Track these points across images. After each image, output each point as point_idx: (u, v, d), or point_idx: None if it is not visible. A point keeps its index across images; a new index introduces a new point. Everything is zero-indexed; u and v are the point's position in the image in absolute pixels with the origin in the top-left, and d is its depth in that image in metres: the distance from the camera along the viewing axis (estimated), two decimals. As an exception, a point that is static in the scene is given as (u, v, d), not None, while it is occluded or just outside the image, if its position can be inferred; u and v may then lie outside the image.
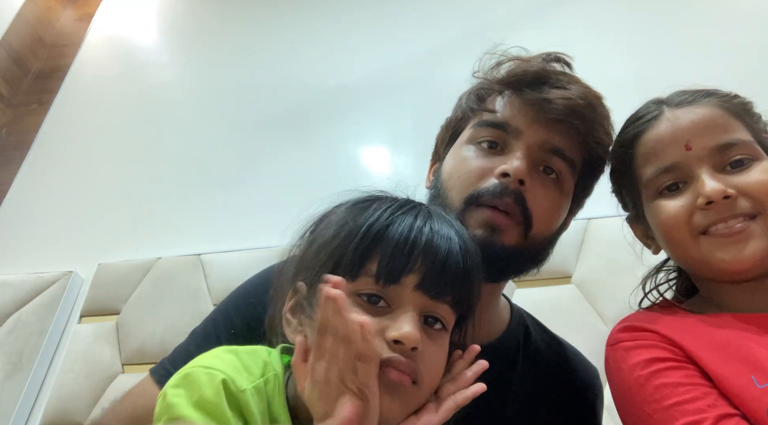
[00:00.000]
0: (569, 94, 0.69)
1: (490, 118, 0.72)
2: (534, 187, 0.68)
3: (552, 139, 0.69)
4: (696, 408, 0.57)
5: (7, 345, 1.58)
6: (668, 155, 0.69)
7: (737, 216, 0.65)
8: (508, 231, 0.67)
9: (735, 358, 0.60)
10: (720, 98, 0.72)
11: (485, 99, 0.75)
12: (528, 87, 0.71)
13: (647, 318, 0.71)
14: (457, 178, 0.70)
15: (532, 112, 0.69)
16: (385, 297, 0.52)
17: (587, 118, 0.70)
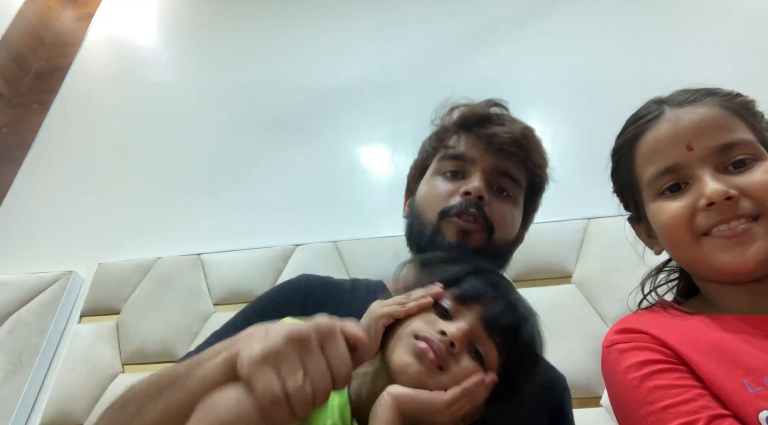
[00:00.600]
0: (508, 129, 0.88)
1: (450, 152, 0.91)
2: (491, 201, 0.85)
3: (500, 164, 0.87)
4: (689, 410, 0.57)
5: (7, 345, 1.58)
6: (669, 155, 0.69)
7: (739, 217, 0.64)
8: (476, 235, 0.83)
9: (728, 361, 0.60)
10: (721, 97, 0.71)
11: (444, 139, 0.94)
12: (476, 126, 0.90)
13: (643, 320, 0.71)
14: (429, 199, 0.88)
15: (482, 144, 0.88)
16: (452, 312, 0.65)
17: (524, 146, 0.89)
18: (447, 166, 0.90)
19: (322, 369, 0.48)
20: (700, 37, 1.75)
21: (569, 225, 1.44)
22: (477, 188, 0.83)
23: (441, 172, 0.90)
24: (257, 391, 0.46)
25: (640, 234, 0.80)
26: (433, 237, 0.84)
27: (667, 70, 1.63)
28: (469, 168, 0.87)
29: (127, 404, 0.57)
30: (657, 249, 0.77)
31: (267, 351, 0.47)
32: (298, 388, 0.46)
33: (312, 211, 1.69)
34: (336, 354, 0.50)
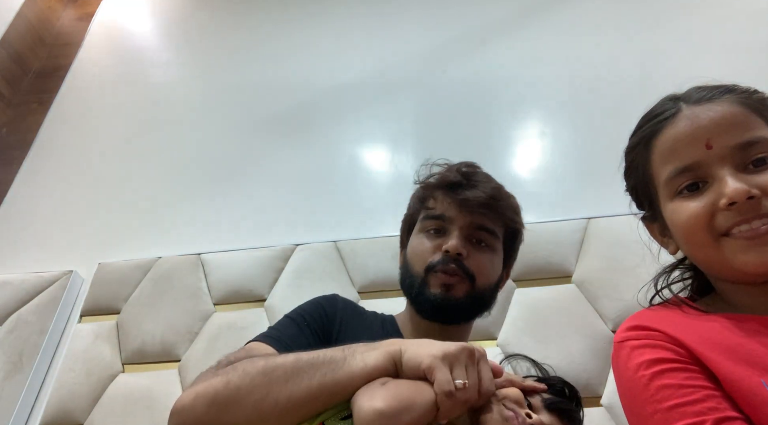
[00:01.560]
0: (480, 192, 1.00)
1: (432, 213, 1.03)
2: (470, 254, 0.97)
3: (475, 221, 0.99)
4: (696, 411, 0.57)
5: (7, 345, 1.58)
6: (688, 154, 0.67)
7: (761, 216, 0.63)
8: (458, 287, 0.95)
9: (746, 361, 0.59)
10: (739, 94, 0.70)
11: (426, 200, 1.06)
12: (451, 189, 1.02)
13: (656, 317, 0.70)
14: (416, 255, 1.01)
15: (458, 205, 1.00)
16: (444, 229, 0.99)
17: (494, 205, 1.00)
18: (429, 224, 1.02)
19: (475, 381, 0.63)
20: (701, 36, 1.75)
21: (569, 225, 1.44)
22: (454, 246, 0.95)
23: (425, 230, 1.03)
24: (438, 381, 0.60)
25: (654, 234, 0.79)
26: (421, 288, 0.97)
27: (668, 70, 1.63)
28: (448, 226, 1.00)
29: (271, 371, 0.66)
30: (672, 249, 0.76)
31: (446, 353, 0.62)
32: (462, 389, 0.60)
33: (312, 210, 1.69)
34: (486, 374, 0.65)
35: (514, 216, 1.06)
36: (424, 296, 0.96)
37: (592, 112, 1.66)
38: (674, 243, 0.75)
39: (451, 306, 0.95)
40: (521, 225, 1.08)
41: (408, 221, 1.12)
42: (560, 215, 1.47)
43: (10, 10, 2.37)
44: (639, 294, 0.79)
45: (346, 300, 1.08)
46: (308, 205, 1.70)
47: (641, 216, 0.81)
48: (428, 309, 0.97)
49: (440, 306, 0.95)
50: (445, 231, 1.00)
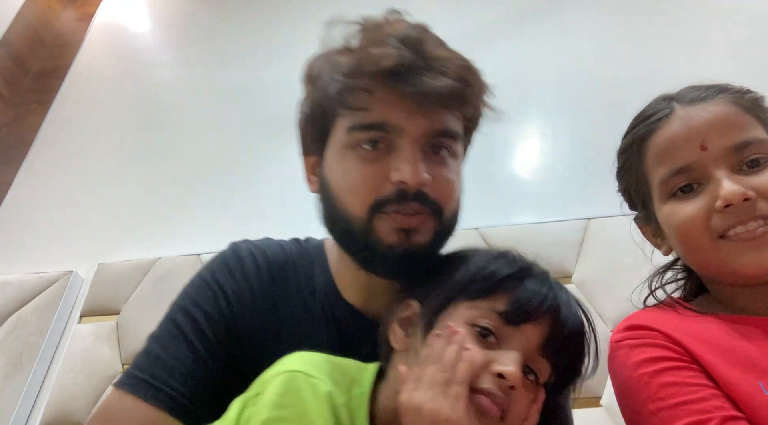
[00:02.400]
0: (445, 80, 0.65)
1: (364, 120, 0.66)
2: (432, 175, 0.66)
3: (435, 125, 0.67)
4: (702, 409, 0.57)
5: (7, 345, 1.58)
6: (682, 156, 0.66)
7: (756, 218, 0.62)
8: (423, 229, 0.66)
9: (743, 363, 0.59)
10: (733, 94, 0.69)
11: (350, 96, 0.67)
12: (397, 79, 0.65)
13: (652, 317, 0.70)
14: (350, 191, 0.68)
15: (408, 105, 0.65)
16: (498, 335, 0.56)
17: (465, 97, 0.68)
18: (362, 137, 0.66)
19: None
20: (701, 35, 1.75)
21: (569, 226, 1.44)
22: (414, 177, 0.63)
23: (355, 145, 0.67)
24: None
25: (647, 235, 0.78)
26: (365, 237, 0.66)
27: (668, 69, 1.63)
28: (395, 138, 0.66)
29: None
30: (665, 250, 0.76)
31: None
32: None
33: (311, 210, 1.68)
34: None
35: (484, 103, 0.74)
36: (372, 249, 0.65)
37: (592, 112, 1.66)
38: (667, 245, 0.74)
39: (417, 257, 0.66)
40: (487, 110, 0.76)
41: (317, 124, 0.72)
42: (560, 215, 1.47)
43: (10, 10, 2.37)
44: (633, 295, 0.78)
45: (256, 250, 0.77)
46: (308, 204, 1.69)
47: (634, 217, 0.80)
48: (381, 267, 0.68)
49: (400, 261, 0.65)
50: (389, 144, 0.66)
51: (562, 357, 0.59)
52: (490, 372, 0.54)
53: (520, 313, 0.56)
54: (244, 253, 0.78)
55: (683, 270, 0.78)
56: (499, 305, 0.57)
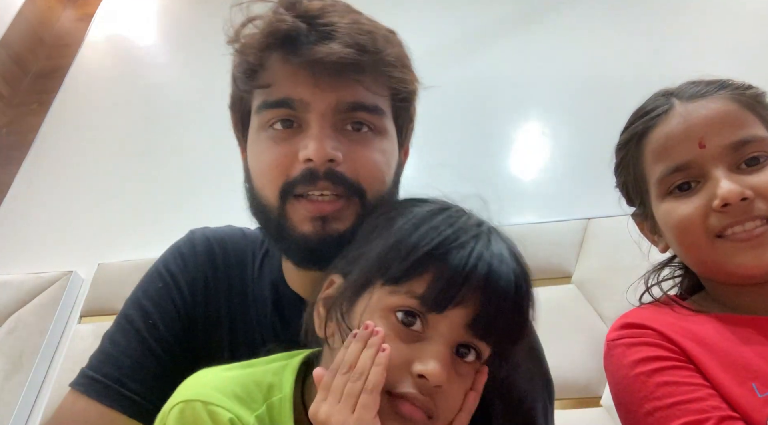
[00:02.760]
0: (335, 47, 0.59)
1: (269, 97, 0.63)
2: (348, 153, 0.61)
3: (343, 97, 0.61)
4: (699, 408, 0.57)
5: (7, 345, 1.58)
6: (680, 153, 0.66)
7: (754, 218, 0.62)
8: (341, 214, 0.61)
9: (737, 364, 0.59)
10: (733, 90, 0.68)
11: (254, 75, 0.64)
12: (287, 50, 0.61)
13: (648, 316, 0.69)
14: (262, 174, 0.64)
15: (308, 76, 0.60)
16: (422, 319, 0.50)
17: (366, 64, 0.61)
18: (270, 116, 0.63)
19: None
20: (701, 35, 1.75)
21: (569, 226, 1.44)
22: (319, 152, 0.58)
23: (267, 126, 0.63)
24: None
25: (644, 231, 0.78)
26: (280, 225, 0.62)
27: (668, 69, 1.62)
28: (303, 114, 0.61)
29: None
30: (662, 247, 0.75)
31: None
32: None
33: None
34: None
35: (403, 72, 0.68)
36: (288, 238, 0.61)
37: (592, 112, 1.66)
38: (664, 242, 0.74)
39: (335, 246, 0.59)
40: (414, 83, 0.71)
41: (237, 110, 0.71)
42: (560, 215, 1.47)
43: (10, 10, 2.37)
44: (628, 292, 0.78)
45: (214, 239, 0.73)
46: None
47: (631, 213, 0.80)
48: (298, 257, 0.63)
49: (316, 249, 0.60)
50: (299, 121, 0.62)
51: (498, 331, 0.52)
52: (410, 373, 0.48)
53: (441, 299, 0.49)
54: (198, 241, 0.74)
55: (680, 268, 0.78)
56: (418, 288, 0.50)
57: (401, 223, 0.54)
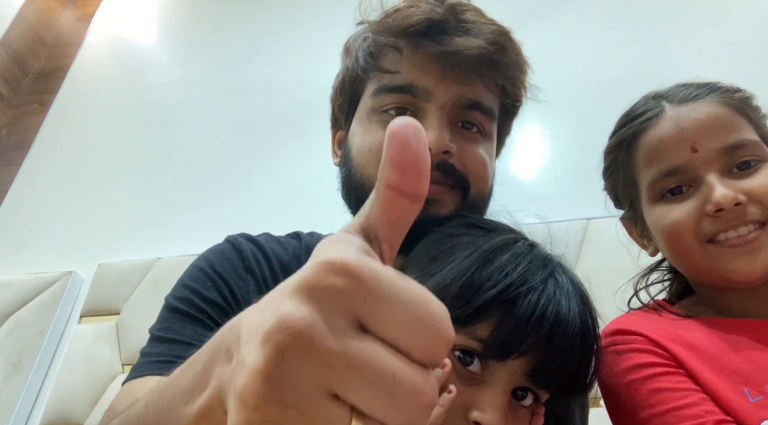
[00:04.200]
0: (477, 41, 0.62)
1: (392, 82, 0.64)
2: (460, 148, 0.62)
3: (466, 93, 0.63)
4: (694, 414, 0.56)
5: (7, 345, 1.58)
6: (672, 157, 0.65)
7: (747, 223, 0.61)
8: (445, 200, 0.62)
9: (728, 369, 0.58)
10: (723, 93, 0.68)
11: (379, 57, 0.65)
12: (426, 38, 0.62)
13: (637, 322, 0.69)
14: (369, 152, 0.63)
15: (438, 67, 0.62)
16: (482, 362, 0.47)
17: (500, 63, 0.65)
18: (388, 101, 0.64)
19: None
20: (701, 36, 1.75)
21: (569, 226, 1.44)
22: (439, 142, 0.60)
23: (381, 111, 0.64)
24: None
25: (634, 235, 0.77)
26: None
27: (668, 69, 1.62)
28: (422, 103, 0.63)
29: None
30: (652, 251, 0.75)
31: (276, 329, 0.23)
32: None
33: (312, 210, 1.68)
34: None
35: (523, 82, 0.72)
36: None
37: (592, 112, 1.66)
38: (654, 246, 0.73)
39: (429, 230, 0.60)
40: (523, 97, 0.74)
41: (348, 90, 0.70)
42: (560, 215, 1.47)
43: (10, 10, 2.37)
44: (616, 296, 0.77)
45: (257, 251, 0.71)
46: (308, 204, 1.70)
47: (620, 216, 0.79)
48: None
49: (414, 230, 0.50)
50: (416, 110, 0.63)
51: (560, 381, 0.50)
52: (466, 419, 0.45)
53: (504, 347, 0.46)
54: (244, 246, 0.73)
55: (669, 271, 0.77)
56: (481, 332, 0.47)
57: (465, 255, 0.51)
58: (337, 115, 0.74)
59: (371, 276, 0.23)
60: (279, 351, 0.22)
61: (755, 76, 1.23)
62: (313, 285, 0.23)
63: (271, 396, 0.22)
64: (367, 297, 0.22)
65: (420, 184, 0.25)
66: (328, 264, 0.23)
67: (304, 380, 0.22)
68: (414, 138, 0.25)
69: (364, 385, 0.22)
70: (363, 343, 0.22)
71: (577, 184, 1.53)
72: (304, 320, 0.22)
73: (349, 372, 0.22)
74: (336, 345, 0.22)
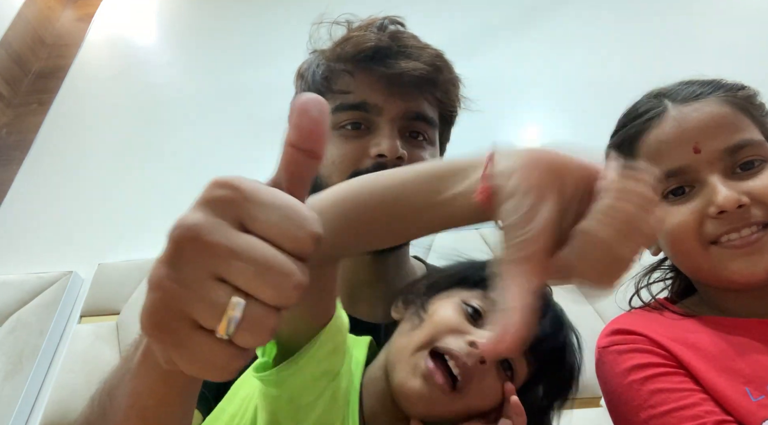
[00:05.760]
0: (417, 64, 0.72)
1: (346, 100, 0.73)
2: (409, 154, 0.71)
3: (411, 107, 0.73)
4: (694, 414, 0.56)
5: (7, 345, 1.58)
6: (675, 158, 0.65)
7: (750, 224, 0.61)
8: None
9: (729, 369, 0.58)
10: (726, 92, 0.67)
11: (332, 80, 0.75)
12: (374, 62, 0.72)
13: (638, 321, 0.69)
14: (332, 164, 0.72)
15: (386, 86, 0.72)
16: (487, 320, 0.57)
17: (437, 81, 0.75)
18: (345, 117, 0.73)
19: None
20: (701, 36, 1.75)
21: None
22: (392, 147, 0.68)
23: (339, 126, 0.73)
24: None
25: None
26: None
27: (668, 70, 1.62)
28: (374, 118, 0.72)
29: None
30: (654, 251, 0.75)
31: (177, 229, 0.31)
32: None
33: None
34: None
35: (456, 95, 0.81)
36: None
37: (592, 113, 1.66)
38: (656, 245, 0.73)
39: None
40: (457, 104, 0.83)
41: None
42: (560, 215, 1.46)
43: (10, 10, 2.37)
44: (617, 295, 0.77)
45: None
46: (308, 205, 1.70)
47: None
48: None
49: None
50: (369, 124, 0.73)
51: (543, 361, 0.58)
52: (463, 340, 0.53)
53: None
54: None
55: (671, 270, 0.77)
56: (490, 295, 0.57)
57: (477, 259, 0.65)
58: None
59: (250, 187, 0.29)
60: (175, 244, 0.30)
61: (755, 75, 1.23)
62: (204, 197, 0.30)
63: (169, 277, 0.29)
64: (245, 202, 0.29)
65: (314, 142, 0.32)
66: (216, 181, 0.30)
67: (195, 266, 0.28)
68: (314, 109, 0.31)
69: (243, 268, 0.27)
70: (242, 237, 0.28)
71: (577, 184, 1.53)
72: (195, 219, 0.29)
73: (231, 258, 0.27)
74: (220, 239, 0.28)
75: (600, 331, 1.24)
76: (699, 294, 0.72)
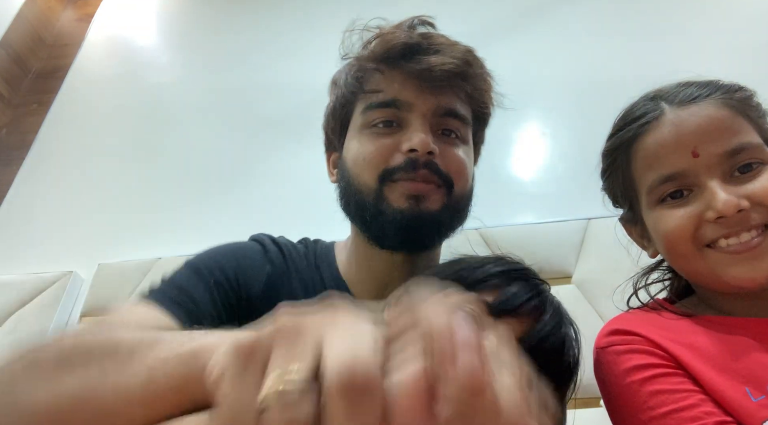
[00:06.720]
0: (446, 58, 0.72)
1: (378, 98, 0.74)
2: (442, 151, 0.71)
3: (442, 103, 0.73)
4: (693, 416, 0.56)
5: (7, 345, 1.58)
6: (673, 162, 0.64)
7: (750, 229, 0.61)
8: (432, 197, 0.70)
9: (729, 369, 0.58)
10: (723, 94, 0.67)
11: (364, 80, 0.76)
12: (404, 59, 0.73)
13: (637, 322, 0.68)
14: (363, 160, 0.72)
15: (416, 83, 0.72)
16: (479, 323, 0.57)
17: (468, 75, 0.75)
18: (376, 116, 0.73)
19: None
20: (701, 37, 1.75)
21: (569, 226, 1.44)
22: (424, 142, 0.68)
23: (370, 125, 0.73)
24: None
25: (633, 235, 0.76)
26: (376, 205, 0.69)
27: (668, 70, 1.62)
28: (405, 114, 0.72)
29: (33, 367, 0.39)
30: (652, 252, 0.74)
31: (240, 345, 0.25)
32: None
33: (312, 211, 1.68)
34: None
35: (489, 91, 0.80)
36: (383, 216, 0.68)
37: (592, 112, 1.66)
38: (654, 247, 0.72)
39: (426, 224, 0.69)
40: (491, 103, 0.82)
41: (339, 115, 0.79)
42: (560, 215, 1.47)
43: (10, 10, 2.37)
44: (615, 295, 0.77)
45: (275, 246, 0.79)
46: (309, 205, 1.70)
47: (619, 217, 0.78)
48: (391, 234, 0.69)
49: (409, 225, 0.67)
50: (400, 122, 0.72)
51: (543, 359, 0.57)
52: None
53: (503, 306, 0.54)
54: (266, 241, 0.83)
55: (669, 271, 0.77)
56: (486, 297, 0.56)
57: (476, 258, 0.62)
58: (331, 137, 0.84)
59: None
60: None
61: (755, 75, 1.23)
62: None
63: None
64: None
65: None
66: None
67: None
68: None
69: None
70: None
71: (577, 184, 1.53)
72: None
73: None
74: None
75: (600, 331, 1.24)
76: (697, 295, 0.72)
